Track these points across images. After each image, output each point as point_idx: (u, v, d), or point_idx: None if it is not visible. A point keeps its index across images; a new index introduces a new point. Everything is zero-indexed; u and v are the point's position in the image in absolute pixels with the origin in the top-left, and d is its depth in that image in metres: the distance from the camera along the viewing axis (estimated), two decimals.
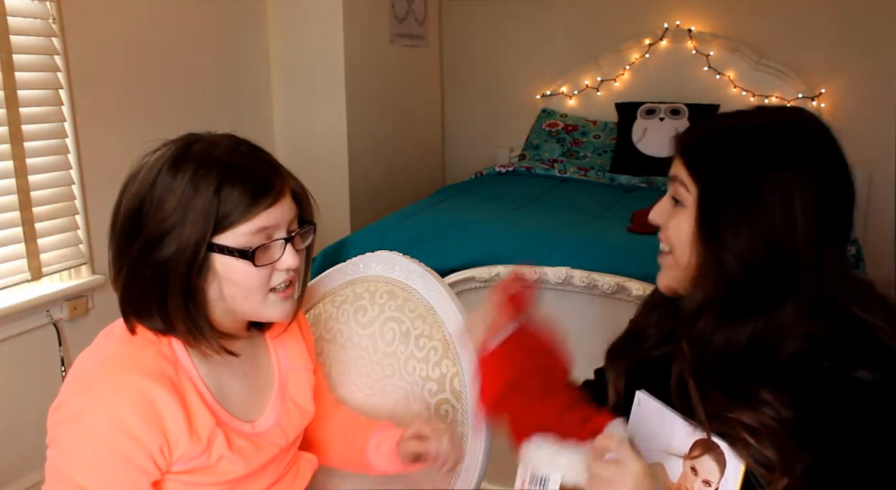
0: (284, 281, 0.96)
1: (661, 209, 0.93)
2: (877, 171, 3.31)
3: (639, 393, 0.95)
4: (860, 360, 0.80)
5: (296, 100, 3.20)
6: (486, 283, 2.11)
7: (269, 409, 1.04)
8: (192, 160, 0.90)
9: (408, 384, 1.27)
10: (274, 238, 0.93)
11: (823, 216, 0.83)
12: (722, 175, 0.85)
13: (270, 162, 0.95)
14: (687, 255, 0.88)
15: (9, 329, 2.07)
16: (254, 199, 0.90)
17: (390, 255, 1.34)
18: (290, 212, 0.96)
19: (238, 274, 0.91)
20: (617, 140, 3.58)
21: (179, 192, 0.88)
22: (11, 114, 2.03)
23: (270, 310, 0.96)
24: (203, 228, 0.88)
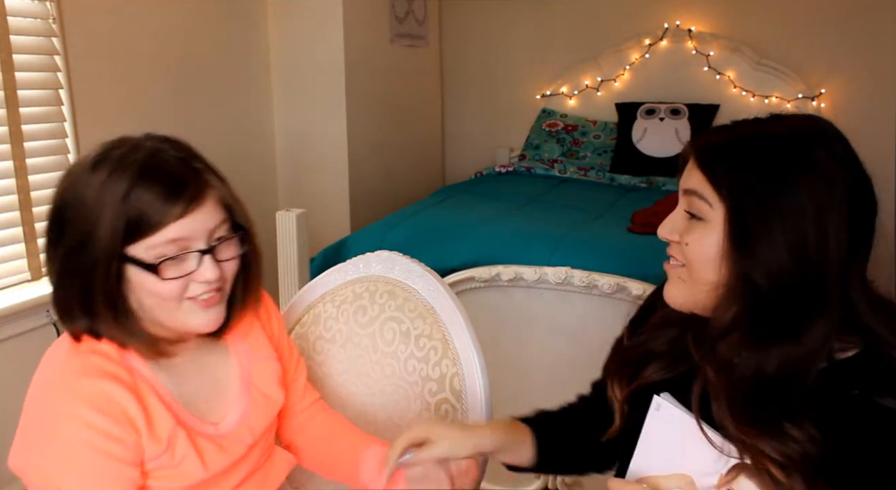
0: (204, 292, 0.90)
1: (675, 224, 0.89)
2: (877, 172, 3.25)
3: (657, 398, 0.91)
4: (885, 387, 0.77)
5: (296, 99, 3.20)
6: (486, 283, 2.11)
7: (233, 405, 1.01)
8: (110, 163, 0.86)
9: (407, 384, 1.27)
10: (190, 249, 0.87)
11: (853, 230, 0.82)
12: (751, 189, 0.81)
13: (192, 167, 0.90)
14: (709, 272, 0.84)
15: (9, 329, 2.07)
16: (165, 206, 0.84)
17: (390, 255, 1.33)
18: (212, 220, 0.89)
19: (148, 284, 0.87)
20: (617, 140, 3.58)
21: (93, 196, 0.84)
22: (11, 114, 2.04)
23: (190, 319, 0.91)
24: (111, 241, 0.84)
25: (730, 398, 0.81)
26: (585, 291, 2.01)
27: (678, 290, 0.90)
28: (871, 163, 3.16)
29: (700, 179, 0.85)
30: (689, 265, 0.87)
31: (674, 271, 0.91)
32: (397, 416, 1.27)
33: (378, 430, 1.28)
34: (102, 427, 0.85)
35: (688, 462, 0.85)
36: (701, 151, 0.87)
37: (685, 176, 0.89)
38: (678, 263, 0.89)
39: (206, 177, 0.90)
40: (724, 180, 0.82)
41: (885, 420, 0.76)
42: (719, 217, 0.83)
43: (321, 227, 3.04)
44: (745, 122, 0.89)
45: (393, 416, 1.27)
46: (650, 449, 0.91)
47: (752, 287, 0.80)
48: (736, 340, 0.82)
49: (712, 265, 0.83)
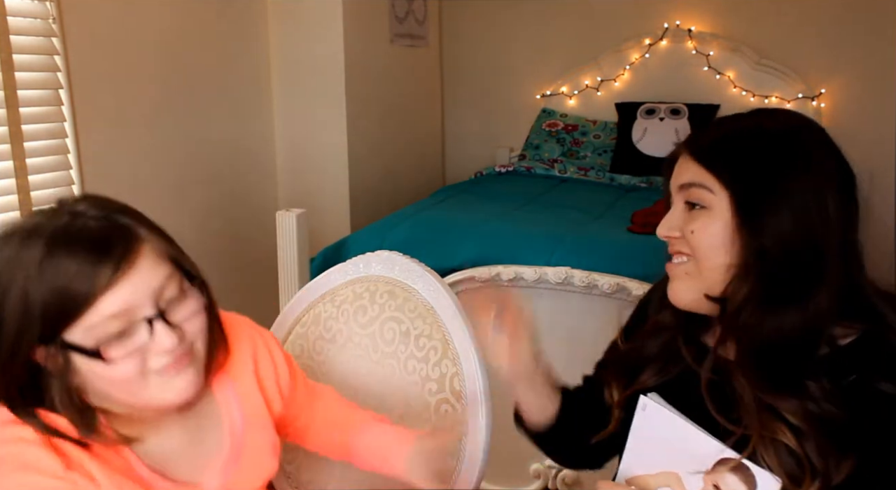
0: (165, 360, 0.76)
1: (674, 220, 0.91)
2: (877, 171, 3.30)
3: (643, 397, 0.92)
4: (884, 372, 0.79)
5: (296, 99, 3.20)
6: (486, 283, 2.11)
7: (218, 471, 0.89)
8: (18, 234, 0.73)
9: (408, 384, 1.27)
10: (135, 320, 0.74)
11: (846, 207, 0.85)
12: (753, 172, 0.85)
13: (116, 222, 0.75)
14: (719, 256, 0.86)
15: None
16: (91, 274, 0.70)
17: (390, 255, 1.34)
18: (154, 278, 0.75)
19: (98, 370, 0.73)
20: (617, 140, 3.58)
21: (19, 280, 0.70)
22: (11, 114, 2.04)
23: (160, 394, 0.78)
24: (41, 330, 0.71)
25: (751, 365, 0.84)
26: (585, 291, 2.01)
27: (685, 287, 0.91)
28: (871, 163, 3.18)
29: (698, 171, 0.87)
30: (696, 254, 0.88)
31: (678, 268, 0.91)
32: (397, 416, 1.27)
33: None
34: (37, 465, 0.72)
35: (674, 460, 0.86)
36: (695, 147, 0.90)
37: (678, 173, 0.91)
38: (682, 259, 0.91)
39: (135, 231, 0.75)
40: (725, 166, 0.86)
41: (884, 405, 0.78)
42: (723, 201, 0.85)
43: (321, 227, 3.04)
44: (733, 117, 0.92)
45: (393, 417, 1.27)
46: (638, 449, 0.92)
47: (763, 256, 0.83)
48: (753, 311, 0.84)
49: (722, 249, 0.86)
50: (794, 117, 0.91)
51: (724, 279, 0.86)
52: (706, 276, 0.88)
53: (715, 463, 0.83)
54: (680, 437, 0.86)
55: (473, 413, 1.20)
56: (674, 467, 0.86)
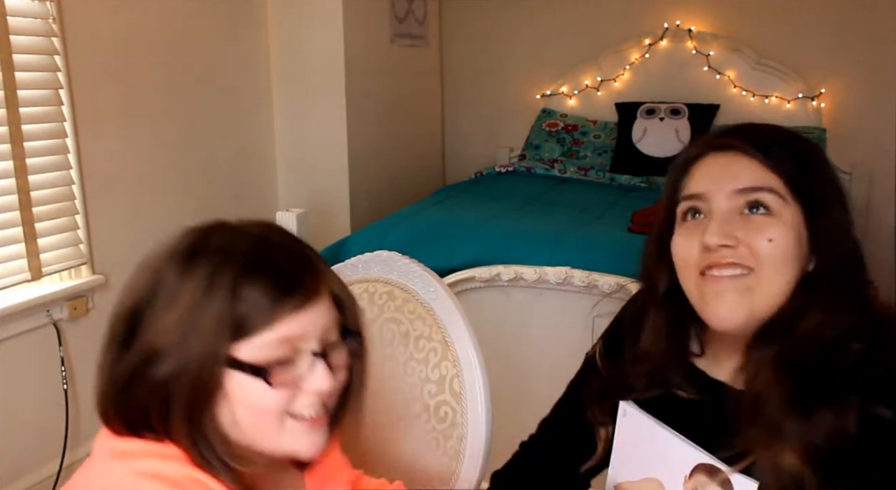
0: (311, 405, 0.74)
1: (729, 227, 0.81)
2: (877, 171, 3.31)
3: (623, 404, 0.90)
4: (883, 395, 0.76)
5: (296, 100, 3.20)
6: (486, 283, 2.11)
7: None
8: (208, 254, 0.72)
9: (407, 386, 1.27)
10: (301, 350, 0.73)
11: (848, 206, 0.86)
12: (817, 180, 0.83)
13: (306, 255, 0.76)
14: (787, 271, 0.80)
15: (9, 329, 2.07)
16: (278, 299, 0.70)
17: (389, 256, 1.33)
18: (327, 319, 0.75)
19: (250, 394, 0.71)
20: (617, 140, 3.58)
21: (188, 294, 0.70)
22: (11, 114, 2.04)
23: (291, 441, 0.74)
24: (214, 340, 0.70)
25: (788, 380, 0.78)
26: (585, 291, 2.01)
27: (742, 304, 0.81)
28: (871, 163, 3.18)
29: (765, 174, 0.81)
30: (763, 267, 0.80)
31: (736, 282, 0.81)
32: (396, 418, 1.27)
33: (377, 431, 1.28)
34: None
35: (656, 467, 0.86)
36: (759, 146, 0.82)
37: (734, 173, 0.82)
38: (736, 271, 0.81)
39: (320, 267, 0.76)
40: (783, 166, 0.81)
41: (882, 430, 0.75)
42: (795, 210, 0.81)
43: (321, 227, 3.04)
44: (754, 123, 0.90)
45: (392, 418, 1.27)
46: (623, 455, 0.92)
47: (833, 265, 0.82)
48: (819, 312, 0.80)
49: (792, 261, 0.81)
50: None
51: (783, 295, 0.81)
52: (767, 294, 0.80)
53: (692, 469, 0.82)
54: (660, 443, 0.86)
55: (474, 414, 1.20)
56: (656, 474, 0.86)
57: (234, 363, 0.70)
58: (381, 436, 1.28)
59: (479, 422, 1.20)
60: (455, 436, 1.21)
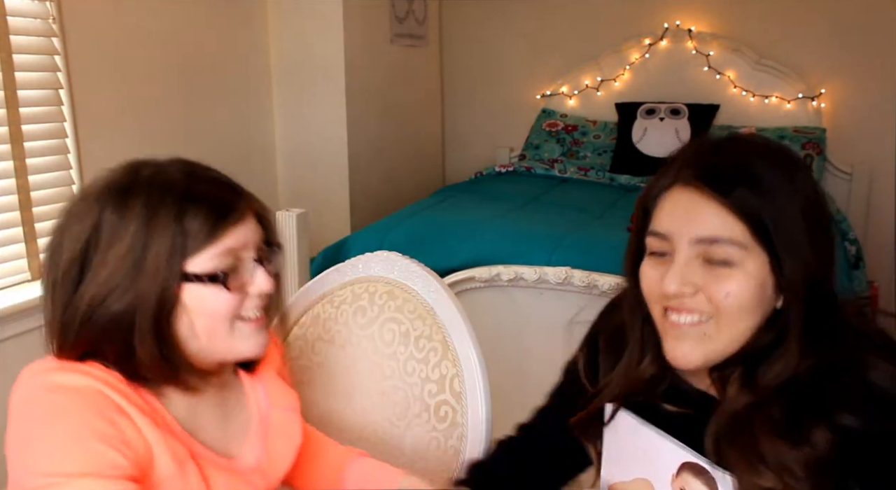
0: (256, 307, 0.87)
1: (690, 275, 0.79)
2: (877, 171, 3.31)
3: (609, 406, 0.91)
4: (846, 403, 0.76)
5: (296, 99, 3.20)
6: (486, 283, 2.11)
7: (248, 448, 0.94)
8: (142, 191, 0.81)
9: (407, 385, 1.27)
10: (243, 258, 0.85)
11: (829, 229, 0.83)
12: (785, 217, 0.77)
13: (229, 182, 0.88)
14: (748, 320, 0.79)
15: (9, 329, 2.07)
16: (218, 221, 0.82)
17: (389, 256, 1.33)
18: (256, 233, 0.88)
19: (207, 302, 0.82)
20: (617, 140, 3.58)
21: (132, 228, 0.79)
22: (11, 114, 2.04)
23: (241, 342, 0.86)
24: (168, 262, 0.79)
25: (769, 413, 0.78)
26: (585, 291, 2.01)
27: (701, 350, 0.81)
28: (871, 162, 3.19)
29: (723, 219, 0.78)
30: (721, 316, 0.79)
31: (694, 329, 0.81)
32: (396, 417, 1.27)
33: (377, 431, 1.28)
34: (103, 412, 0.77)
35: (645, 467, 0.86)
36: (707, 179, 0.79)
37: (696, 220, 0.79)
38: (694, 318, 0.80)
39: (244, 190, 0.88)
40: (749, 208, 0.77)
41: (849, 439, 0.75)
42: (758, 259, 0.78)
43: (321, 227, 3.04)
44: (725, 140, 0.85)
45: (392, 418, 1.27)
46: (613, 457, 0.92)
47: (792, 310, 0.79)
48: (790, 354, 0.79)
49: (754, 310, 0.79)
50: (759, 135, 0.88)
51: (745, 338, 0.80)
52: (727, 339, 0.80)
53: (679, 468, 0.83)
54: (647, 444, 0.86)
55: (474, 414, 1.20)
56: (645, 474, 0.86)
57: (190, 277, 0.81)
58: (381, 435, 1.28)
59: (479, 422, 1.20)
60: (455, 435, 1.21)
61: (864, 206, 3.34)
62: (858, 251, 2.94)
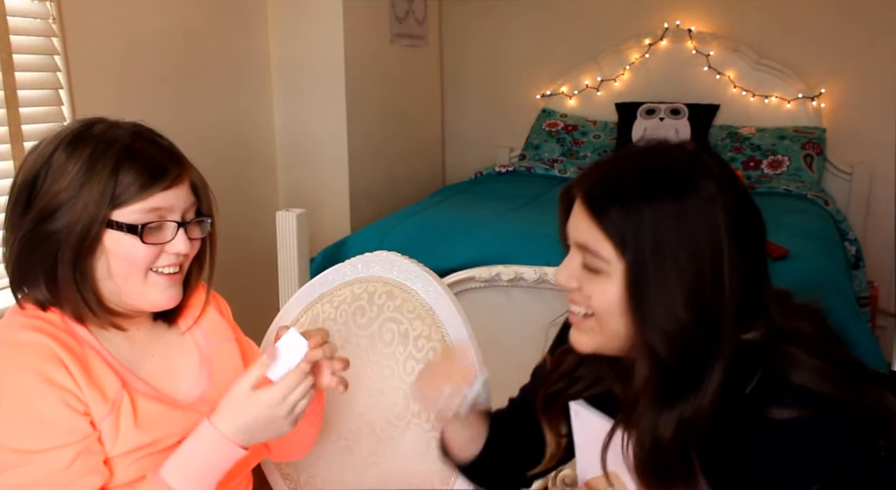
0: (171, 265, 0.96)
1: (572, 271, 0.86)
2: (877, 171, 3.31)
3: (574, 404, 0.94)
4: (772, 399, 0.77)
5: (296, 99, 3.20)
6: (486, 283, 2.11)
7: (192, 384, 1.04)
8: (91, 140, 0.92)
9: (407, 385, 1.27)
10: (166, 220, 0.94)
11: (746, 254, 0.80)
12: (645, 235, 0.78)
13: (171, 150, 0.98)
14: (619, 322, 0.82)
15: None
16: (150, 180, 0.92)
17: (389, 256, 1.34)
18: (187, 200, 0.97)
19: (125, 249, 0.92)
20: (617, 140, 3.58)
21: (74, 169, 0.90)
22: (11, 114, 2.04)
23: (152, 292, 0.96)
24: (97, 205, 0.90)
25: (637, 456, 0.82)
26: None
27: (587, 339, 0.88)
28: (871, 163, 3.18)
29: (593, 233, 0.82)
30: (597, 316, 0.85)
31: (582, 322, 0.87)
32: (396, 417, 1.27)
33: (377, 431, 1.29)
34: (43, 370, 0.87)
35: (612, 460, 0.88)
36: (590, 199, 0.83)
37: (574, 224, 0.85)
38: (581, 310, 0.87)
39: (183, 160, 0.98)
40: (617, 231, 0.80)
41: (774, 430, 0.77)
42: (618, 271, 0.81)
43: (321, 227, 3.04)
44: (629, 155, 0.86)
45: (392, 418, 1.28)
46: (584, 454, 0.95)
47: (654, 354, 0.79)
48: (643, 404, 0.81)
49: (622, 314, 0.82)
50: (684, 153, 0.84)
51: (629, 339, 0.83)
52: (609, 336, 0.85)
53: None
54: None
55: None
56: (613, 467, 0.89)
57: (113, 224, 0.91)
58: (381, 435, 1.28)
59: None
60: None
61: (864, 206, 3.34)
62: (858, 251, 2.94)
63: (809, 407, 0.75)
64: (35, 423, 0.87)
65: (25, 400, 0.87)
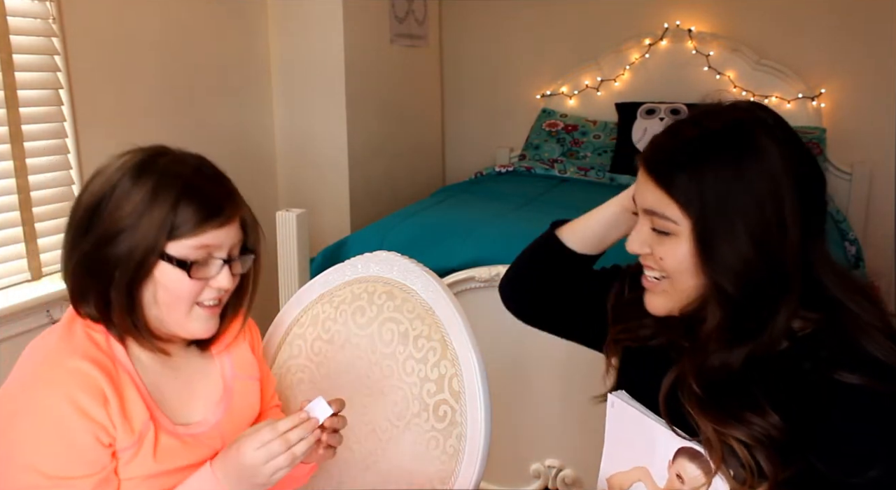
0: (213, 298, 1.01)
1: (643, 238, 0.91)
2: (877, 171, 3.31)
3: (611, 395, 0.96)
4: (842, 362, 0.80)
5: (296, 100, 3.20)
6: (486, 283, 2.11)
7: (211, 412, 1.08)
8: (156, 171, 0.97)
9: (406, 385, 1.27)
10: (214, 257, 0.98)
11: (805, 206, 0.83)
12: (709, 194, 0.83)
13: (228, 188, 1.02)
14: (690, 279, 0.87)
15: (9, 329, 2.07)
16: (205, 218, 0.96)
17: (389, 256, 1.34)
18: (236, 237, 1.01)
19: (172, 281, 0.96)
20: (617, 140, 3.58)
21: (137, 198, 0.94)
22: (11, 114, 2.04)
23: (194, 323, 1.01)
24: (155, 237, 0.94)
25: (696, 392, 0.85)
26: None
27: (662, 301, 0.92)
28: (871, 163, 3.18)
29: (658, 197, 0.86)
30: (669, 276, 0.89)
31: (654, 285, 0.92)
32: (395, 417, 1.27)
33: (376, 430, 1.29)
34: (82, 404, 0.91)
35: (643, 454, 0.90)
36: (652, 165, 0.88)
37: (640, 191, 0.90)
38: (655, 274, 0.91)
39: (238, 198, 1.03)
40: (682, 193, 0.84)
41: (839, 394, 0.79)
42: (686, 229, 0.85)
43: (321, 227, 3.04)
44: (687, 121, 0.90)
45: (391, 418, 1.28)
46: (613, 447, 0.96)
47: (724, 294, 0.83)
48: (715, 340, 0.85)
49: (692, 271, 0.86)
50: (742, 113, 0.88)
51: (700, 296, 0.87)
52: (682, 296, 0.89)
53: (675, 453, 0.87)
54: (646, 432, 0.90)
55: (473, 413, 1.21)
56: (643, 462, 0.90)
57: (166, 256, 0.95)
58: (380, 435, 1.28)
59: (479, 421, 1.20)
60: (454, 435, 1.22)
61: (863, 206, 3.34)
62: (858, 251, 2.94)
63: (880, 378, 0.78)
64: (67, 450, 0.91)
65: (62, 428, 0.91)
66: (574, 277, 1.12)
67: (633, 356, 1.00)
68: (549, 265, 1.13)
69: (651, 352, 0.96)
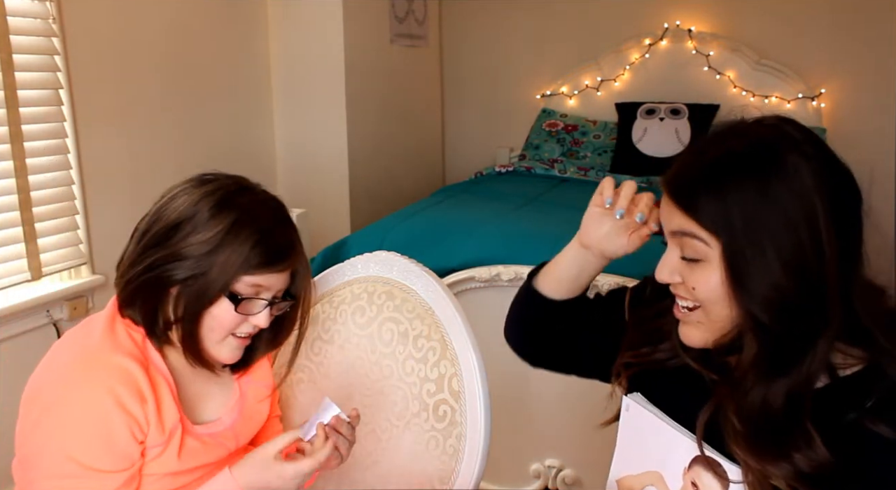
0: (248, 333, 1.06)
1: (672, 266, 0.85)
2: (877, 171, 3.30)
3: (626, 398, 0.92)
4: (879, 412, 0.76)
5: (296, 100, 3.20)
6: (486, 283, 2.11)
7: (226, 413, 1.13)
8: (237, 209, 1.01)
9: (406, 385, 1.27)
10: (260, 296, 1.03)
11: (841, 227, 0.79)
12: (737, 217, 0.78)
13: (295, 238, 1.07)
14: (721, 308, 0.82)
15: (9, 329, 2.07)
16: (269, 263, 1.01)
17: (388, 256, 1.33)
18: (284, 283, 1.06)
19: (220, 311, 1.01)
20: (617, 140, 3.58)
21: (215, 230, 0.98)
22: (11, 114, 2.04)
23: (223, 349, 1.06)
24: (232, 271, 0.98)
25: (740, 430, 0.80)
26: None
27: (698, 333, 0.86)
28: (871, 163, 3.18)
29: (685, 220, 0.82)
30: (703, 306, 0.84)
31: (688, 316, 0.87)
32: (395, 417, 1.27)
33: (376, 430, 1.29)
34: (123, 398, 0.94)
35: (657, 460, 0.88)
36: (677, 189, 0.83)
37: (665, 215, 0.86)
38: (687, 304, 0.86)
39: (298, 248, 1.07)
40: (710, 216, 0.79)
41: (878, 448, 0.76)
42: (716, 255, 0.80)
43: (321, 227, 3.04)
44: (710, 141, 0.85)
45: (391, 418, 1.28)
46: (626, 449, 0.94)
47: (759, 324, 0.79)
48: (752, 374, 0.80)
49: (727, 300, 0.81)
50: (769, 130, 0.82)
51: (736, 326, 0.82)
52: (717, 326, 0.84)
53: (691, 461, 0.84)
54: (661, 436, 0.87)
55: (472, 413, 1.21)
56: (657, 467, 0.88)
57: (231, 293, 1.00)
58: (380, 435, 1.28)
59: (478, 421, 1.20)
60: (454, 435, 1.22)
61: (863, 206, 3.33)
62: None
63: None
64: (104, 442, 0.94)
65: (102, 419, 0.94)
66: (565, 320, 1.07)
67: (641, 376, 0.96)
68: (536, 316, 1.09)
69: (664, 373, 0.93)
